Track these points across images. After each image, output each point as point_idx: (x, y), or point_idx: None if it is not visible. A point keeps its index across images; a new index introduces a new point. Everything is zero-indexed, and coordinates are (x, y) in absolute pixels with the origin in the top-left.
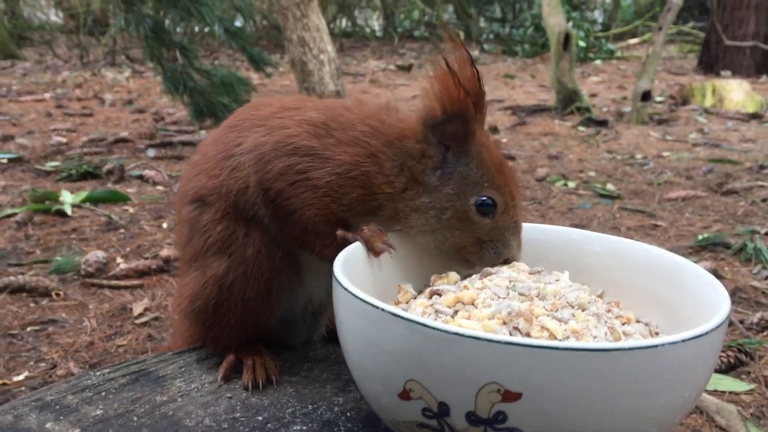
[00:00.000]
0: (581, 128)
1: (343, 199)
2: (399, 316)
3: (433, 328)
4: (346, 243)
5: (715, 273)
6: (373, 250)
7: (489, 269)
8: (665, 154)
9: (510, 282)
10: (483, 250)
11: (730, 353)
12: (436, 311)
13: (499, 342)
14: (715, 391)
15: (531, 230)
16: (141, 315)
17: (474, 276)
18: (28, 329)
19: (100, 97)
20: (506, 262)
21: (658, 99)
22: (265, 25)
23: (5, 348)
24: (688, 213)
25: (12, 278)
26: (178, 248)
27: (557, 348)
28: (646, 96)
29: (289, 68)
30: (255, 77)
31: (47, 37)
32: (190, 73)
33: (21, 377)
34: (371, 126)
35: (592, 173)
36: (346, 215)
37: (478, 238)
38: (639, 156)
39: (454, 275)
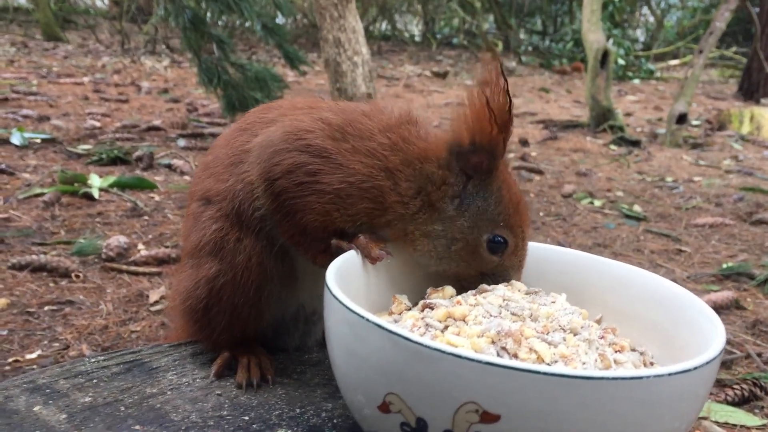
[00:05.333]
0: (613, 147)
1: (349, 210)
2: (382, 328)
3: (415, 343)
4: (340, 251)
5: (737, 303)
6: (369, 257)
7: (485, 286)
8: (696, 179)
9: (504, 301)
10: (483, 281)
11: (744, 386)
12: (426, 325)
13: (479, 362)
14: (726, 423)
15: (534, 249)
16: (156, 302)
17: (469, 292)
18: (46, 308)
19: (137, 85)
20: None
21: (695, 122)
22: (305, 24)
23: (21, 325)
24: (715, 240)
25: (34, 257)
26: (181, 241)
27: (538, 372)
28: (682, 119)
29: (324, 67)
30: (290, 75)
31: (91, 22)
32: (225, 66)
33: (34, 355)
34: (391, 140)
35: (619, 193)
36: (346, 226)
37: (480, 271)
38: (669, 179)
39: (449, 289)
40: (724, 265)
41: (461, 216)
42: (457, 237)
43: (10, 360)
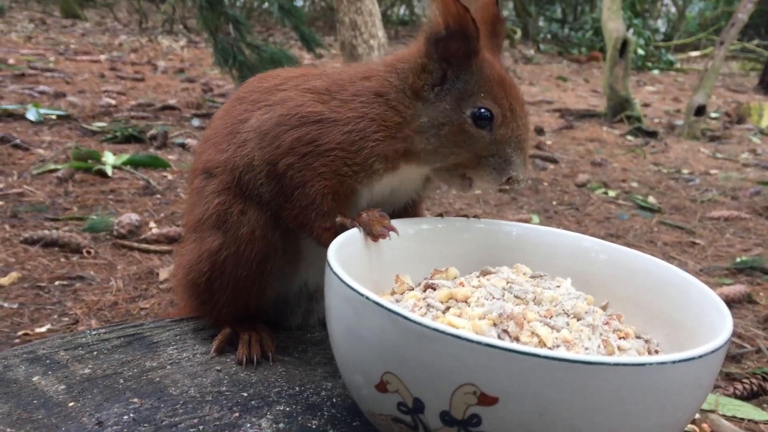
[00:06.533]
0: (629, 137)
1: (357, 157)
2: (382, 306)
3: (415, 323)
4: (343, 229)
5: (750, 298)
6: (371, 234)
7: (489, 268)
8: (713, 171)
9: (507, 283)
10: (482, 165)
11: (753, 380)
12: (428, 305)
13: (479, 343)
14: (734, 417)
15: (541, 233)
16: (166, 280)
17: (473, 273)
18: (56, 283)
19: (154, 64)
20: (510, 181)
21: (713, 115)
22: (323, 6)
23: (32, 299)
24: (729, 234)
25: (47, 232)
26: (185, 217)
27: (538, 356)
28: (701, 111)
29: (340, 50)
30: (306, 57)
31: (109, 0)
32: (241, 47)
33: (43, 329)
34: (369, 73)
35: (634, 184)
36: (358, 180)
37: (476, 153)
38: (685, 171)
39: (453, 270)
40: (738, 259)
41: (443, 100)
42: (442, 121)
43: (19, 333)
